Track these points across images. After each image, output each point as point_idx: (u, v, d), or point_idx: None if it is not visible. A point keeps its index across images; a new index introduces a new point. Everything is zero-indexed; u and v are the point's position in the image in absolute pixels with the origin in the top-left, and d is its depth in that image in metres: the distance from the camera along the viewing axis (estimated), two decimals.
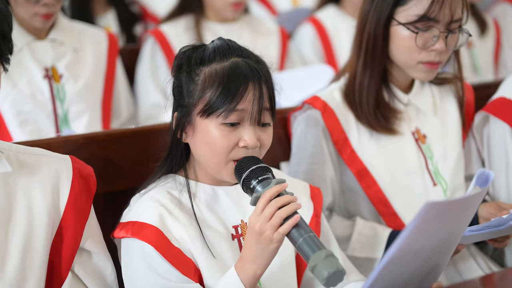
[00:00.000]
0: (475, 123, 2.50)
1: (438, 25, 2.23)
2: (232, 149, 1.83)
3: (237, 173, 1.81)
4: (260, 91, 1.83)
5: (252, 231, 1.72)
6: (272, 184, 1.74)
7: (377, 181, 2.34)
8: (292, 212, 1.69)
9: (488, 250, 2.51)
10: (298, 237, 1.67)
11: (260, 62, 1.91)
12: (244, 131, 1.83)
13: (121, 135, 2.25)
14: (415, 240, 1.52)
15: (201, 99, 1.84)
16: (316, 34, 4.04)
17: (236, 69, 1.83)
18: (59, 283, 1.84)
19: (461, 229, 1.70)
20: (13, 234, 1.77)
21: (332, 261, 1.62)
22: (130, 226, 1.87)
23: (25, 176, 1.82)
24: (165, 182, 1.94)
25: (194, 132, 1.86)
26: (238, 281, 1.74)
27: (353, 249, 2.29)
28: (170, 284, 1.81)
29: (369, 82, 2.31)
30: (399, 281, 1.62)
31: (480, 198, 1.65)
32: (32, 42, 2.92)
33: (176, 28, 3.57)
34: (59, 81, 2.94)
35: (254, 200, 1.75)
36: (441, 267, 1.76)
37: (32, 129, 2.89)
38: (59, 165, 1.87)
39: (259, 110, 1.82)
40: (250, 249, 1.73)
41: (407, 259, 1.57)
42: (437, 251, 1.66)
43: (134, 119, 3.33)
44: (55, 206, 1.83)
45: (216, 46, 1.89)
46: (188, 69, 1.88)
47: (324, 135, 2.34)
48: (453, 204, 1.56)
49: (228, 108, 1.80)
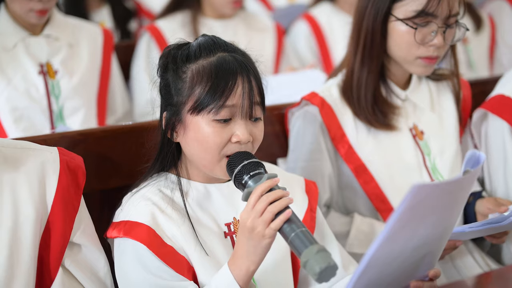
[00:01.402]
0: (473, 120, 2.50)
1: (436, 20, 2.23)
2: (225, 145, 1.82)
3: (229, 169, 1.80)
4: (250, 85, 1.82)
5: (243, 227, 1.70)
6: (264, 179, 1.73)
7: (375, 177, 2.33)
8: (283, 207, 1.68)
9: (485, 246, 2.51)
10: (290, 232, 1.66)
11: (246, 56, 1.89)
12: (236, 126, 1.81)
13: (117, 132, 2.23)
14: (405, 224, 1.49)
15: (191, 96, 1.82)
16: (311, 30, 4.04)
17: (224, 64, 1.82)
18: (50, 279, 1.82)
19: (455, 214, 1.67)
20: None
21: (324, 256, 1.60)
22: (122, 226, 1.85)
23: (10, 170, 1.79)
24: (157, 181, 1.93)
25: (185, 131, 1.85)
26: (231, 278, 1.73)
27: (351, 245, 2.29)
28: (164, 283, 1.80)
29: (367, 78, 2.31)
30: (392, 267, 1.60)
31: (472, 180, 1.62)
32: (27, 38, 2.90)
33: (172, 24, 3.56)
34: (54, 77, 2.93)
35: (245, 195, 1.74)
36: (436, 254, 1.74)
37: (27, 125, 2.88)
38: (46, 157, 1.85)
39: (250, 104, 1.81)
40: (242, 246, 1.71)
41: (399, 244, 1.54)
42: (431, 237, 1.63)
43: (130, 116, 3.32)
44: (42, 201, 1.81)
45: (201, 42, 1.87)
46: (175, 67, 1.86)
47: (321, 132, 2.33)
48: (442, 186, 1.52)
49: (218, 104, 1.79)
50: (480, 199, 2.37)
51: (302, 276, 2.00)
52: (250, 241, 1.70)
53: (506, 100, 2.44)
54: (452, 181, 1.55)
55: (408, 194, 1.43)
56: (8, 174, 1.79)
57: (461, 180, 1.56)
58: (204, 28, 3.53)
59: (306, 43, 4.03)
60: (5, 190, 1.77)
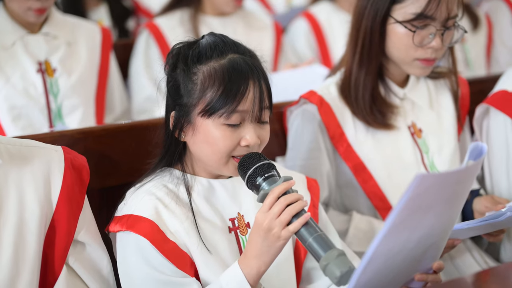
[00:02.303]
0: (476, 116, 2.50)
1: (434, 22, 2.23)
2: (234, 148, 1.83)
3: (241, 170, 1.81)
4: (260, 89, 1.82)
5: (259, 228, 1.71)
6: (280, 182, 1.75)
7: (374, 175, 2.34)
8: (300, 209, 1.70)
9: (483, 244, 2.52)
10: (308, 235, 1.68)
11: (254, 58, 1.89)
12: (245, 130, 1.82)
13: (117, 130, 2.24)
14: (409, 215, 1.50)
15: (202, 99, 1.82)
16: (310, 28, 4.03)
17: (236, 67, 1.81)
18: (54, 277, 1.83)
19: (458, 206, 1.68)
20: (4, 227, 1.75)
21: (344, 261, 1.64)
22: (125, 220, 1.86)
23: (16, 168, 1.80)
24: (161, 176, 1.93)
25: (194, 132, 1.85)
26: (242, 277, 1.74)
27: (349, 244, 2.29)
28: (165, 278, 1.81)
29: (365, 78, 2.31)
30: (397, 260, 1.61)
31: (475, 172, 1.63)
32: (25, 36, 2.90)
33: (171, 22, 3.55)
34: (52, 75, 2.93)
35: (261, 197, 1.75)
36: (440, 246, 1.75)
37: (25, 124, 2.88)
38: (51, 156, 1.85)
39: (260, 108, 1.82)
40: (256, 246, 1.73)
41: (403, 236, 1.55)
42: (435, 227, 1.64)
43: (128, 114, 3.32)
44: (47, 199, 1.81)
45: (211, 42, 1.86)
46: (185, 68, 1.85)
47: (320, 130, 2.33)
48: (445, 177, 1.53)
49: (230, 109, 1.79)
50: (478, 197, 2.37)
51: (305, 273, 2.01)
52: (265, 241, 1.71)
53: (510, 96, 2.44)
54: (455, 172, 1.56)
55: (412, 183, 1.43)
56: (14, 171, 1.79)
57: (464, 171, 1.57)
58: (204, 26, 3.53)
59: (306, 41, 4.03)
60: (11, 187, 1.78)
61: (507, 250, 2.47)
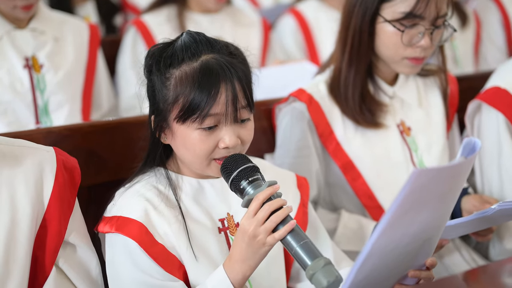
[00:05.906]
0: (467, 112, 2.50)
1: (423, 22, 2.23)
2: (213, 151, 1.81)
3: (224, 173, 1.78)
4: (234, 91, 1.78)
5: (244, 234, 1.70)
6: (264, 187, 1.72)
7: (362, 174, 2.34)
8: (285, 216, 1.68)
9: (472, 242, 2.52)
10: (294, 243, 1.66)
11: (233, 54, 1.85)
12: (222, 132, 1.79)
13: (104, 127, 2.22)
14: (406, 210, 1.50)
15: (175, 105, 1.80)
16: (297, 25, 4.02)
17: (206, 70, 1.77)
18: (44, 277, 1.82)
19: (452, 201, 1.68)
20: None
21: (331, 270, 1.62)
22: (114, 221, 1.84)
23: (8, 167, 1.79)
24: (150, 176, 1.92)
25: (173, 136, 1.84)
26: (228, 281, 1.73)
27: (338, 243, 2.28)
28: (153, 281, 1.80)
29: (355, 77, 2.30)
30: (392, 255, 1.61)
31: (469, 166, 1.63)
32: (12, 31, 2.88)
33: (158, 18, 3.53)
34: (39, 71, 2.91)
35: (246, 202, 1.73)
36: (434, 242, 1.75)
37: (11, 120, 2.86)
38: (43, 156, 1.84)
39: (235, 110, 1.79)
40: (241, 251, 1.71)
41: (400, 231, 1.55)
42: (430, 222, 1.64)
43: (115, 111, 3.30)
44: (39, 199, 1.80)
45: (184, 44, 1.82)
46: (158, 73, 1.83)
47: (309, 128, 2.33)
48: (441, 171, 1.53)
49: (202, 114, 1.76)
50: (466, 196, 2.37)
51: (294, 271, 2.01)
52: (250, 247, 1.70)
53: (502, 92, 2.44)
54: (450, 166, 1.56)
55: (409, 178, 1.43)
56: (6, 170, 1.78)
57: (459, 165, 1.57)
58: (191, 23, 3.52)
59: (293, 38, 4.01)
60: (3, 187, 1.77)
61: (496, 247, 2.48)
